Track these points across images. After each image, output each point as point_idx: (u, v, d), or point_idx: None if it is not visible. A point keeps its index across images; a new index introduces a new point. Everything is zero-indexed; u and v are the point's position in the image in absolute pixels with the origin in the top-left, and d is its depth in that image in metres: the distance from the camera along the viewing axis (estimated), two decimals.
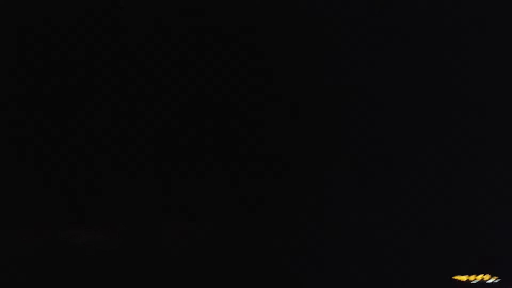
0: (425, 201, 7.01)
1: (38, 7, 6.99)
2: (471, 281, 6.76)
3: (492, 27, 7.05)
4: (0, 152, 6.94)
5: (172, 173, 7.11)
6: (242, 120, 7.13)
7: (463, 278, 6.78)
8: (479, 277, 6.77)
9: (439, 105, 7.11)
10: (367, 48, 7.06)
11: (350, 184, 7.04)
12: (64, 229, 6.97)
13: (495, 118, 7.01)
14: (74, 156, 7.01)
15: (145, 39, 7.09)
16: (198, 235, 7.06)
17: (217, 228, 7.05)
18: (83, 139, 7.03)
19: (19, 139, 6.96)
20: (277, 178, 7.06)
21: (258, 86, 7.11)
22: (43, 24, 6.99)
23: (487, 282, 6.74)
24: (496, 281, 6.73)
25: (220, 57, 7.08)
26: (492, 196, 6.94)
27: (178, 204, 7.08)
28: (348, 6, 7.06)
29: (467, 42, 7.04)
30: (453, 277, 6.81)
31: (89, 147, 7.05)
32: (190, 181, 7.09)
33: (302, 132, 7.12)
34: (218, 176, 7.11)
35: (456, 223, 6.96)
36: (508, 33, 7.02)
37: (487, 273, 6.78)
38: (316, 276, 6.87)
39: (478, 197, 6.96)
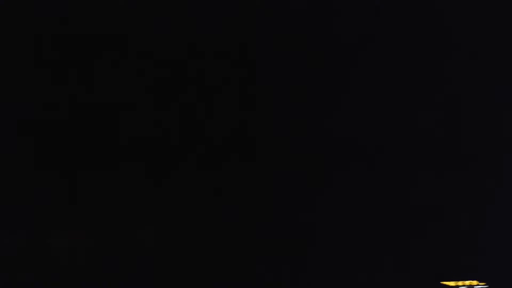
0: (413, 207, 7.24)
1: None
2: (460, 286, 6.84)
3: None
4: None
5: (155, 176, 7.25)
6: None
7: (452, 283, 6.87)
8: (467, 282, 6.87)
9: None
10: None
11: (340, 185, 7.34)
12: (47, 233, 6.93)
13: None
14: (59, 159, 7.08)
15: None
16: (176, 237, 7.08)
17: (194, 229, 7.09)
18: (67, 142, 7.09)
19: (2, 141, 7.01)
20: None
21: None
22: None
23: (475, 287, 6.83)
24: (485, 287, 6.82)
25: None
26: (481, 203, 7.25)
27: (160, 206, 7.19)
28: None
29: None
30: (442, 283, 6.88)
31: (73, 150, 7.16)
32: (171, 184, 7.30)
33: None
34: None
35: (445, 230, 7.18)
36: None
37: (475, 279, 6.89)
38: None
39: (466, 204, 7.25)
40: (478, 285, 6.87)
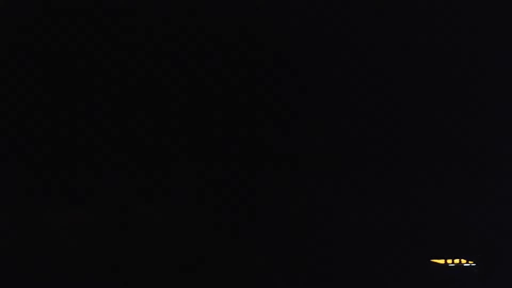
0: (403, 185, 6.98)
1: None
2: (449, 264, 6.97)
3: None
4: None
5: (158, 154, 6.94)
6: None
7: (441, 261, 6.98)
8: (456, 260, 6.98)
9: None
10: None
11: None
12: (47, 211, 6.82)
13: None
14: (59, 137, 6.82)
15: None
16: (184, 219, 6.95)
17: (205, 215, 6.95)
18: (69, 120, 6.84)
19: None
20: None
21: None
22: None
23: (464, 265, 6.97)
24: (473, 265, 6.96)
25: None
26: (470, 181, 6.94)
27: (162, 186, 6.93)
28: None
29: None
30: (431, 260, 6.99)
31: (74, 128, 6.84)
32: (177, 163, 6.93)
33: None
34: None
35: (433, 207, 7.00)
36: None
37: (464, 257, 6.99)
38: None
39: (455, 181, 6.95)
40: (467, 263, 6.96)
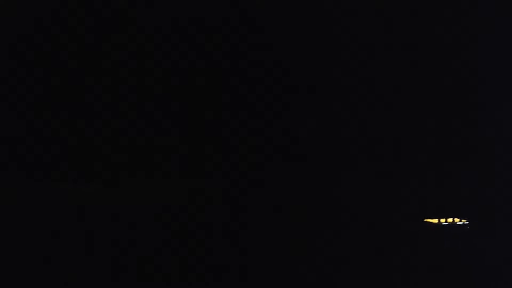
0: (397, 145, 7.26)
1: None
2: (442, 223, 7.26)
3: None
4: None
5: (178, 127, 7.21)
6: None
7: (435, 220, 7.27)
8: (450, 219, 7.27)
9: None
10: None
11: None
12: (65, 184, 7.05)
13: None
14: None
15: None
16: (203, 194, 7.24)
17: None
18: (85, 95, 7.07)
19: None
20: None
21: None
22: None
23: (457, 224, 7.26)
24: (466, 223, 7.25)
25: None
26: (461, 140, 7.23)
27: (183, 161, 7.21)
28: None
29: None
30: (425, 220, 7.29)
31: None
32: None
33: None
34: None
35: (426, 167, 7.29)
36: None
37: (457, 216, 7.28)
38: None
39: (448, 141, 7.24)
40: (460, 221, 7.26)
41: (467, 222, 7.25)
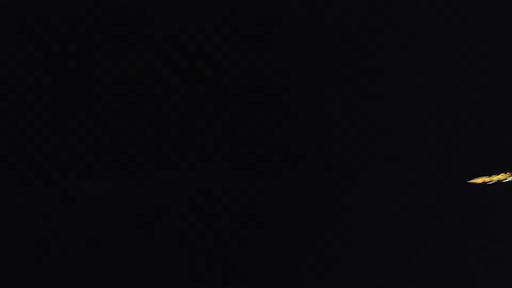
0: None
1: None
2: (487, 182, 6.75)
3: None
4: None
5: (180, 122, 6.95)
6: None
7: (479, 180, 6.76)
8: (495, 177, 6.75)
9: None
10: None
11: None
12: (73, 183, 6.77)
13: None
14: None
15: None
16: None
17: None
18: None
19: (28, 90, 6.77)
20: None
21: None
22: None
23: (503, 181, 6.73)
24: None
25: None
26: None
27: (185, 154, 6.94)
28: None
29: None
30: (469, 181, 6.78)
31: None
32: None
33: None
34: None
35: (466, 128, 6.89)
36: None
37: (503, 172, 6.76)
38: None
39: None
40: (506, 178, 6.74)
41: None
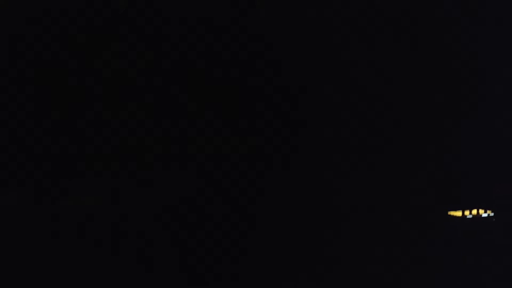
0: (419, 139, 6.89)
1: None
2: (466, 216, 6.82)
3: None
4: None
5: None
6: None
7: (458, 213, 6.82)
8: (474, 211, 6.83)
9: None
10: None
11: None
12: (65, 197, 6.47)
13: None
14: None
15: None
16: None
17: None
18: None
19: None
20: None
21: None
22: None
23: (482, 216, 6.82)
24: (491, 215, 6.83)
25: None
26: (483, 132, 6.91)
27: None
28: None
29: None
30: (449, 213, 6.83)
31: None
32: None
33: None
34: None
35: (450, 159, 6.89)
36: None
37: (482, 208, 6.85)
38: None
39: (470, 135, 6.90)
40: (485, 213, 6.83)
41: (493, 214, 6.84)
